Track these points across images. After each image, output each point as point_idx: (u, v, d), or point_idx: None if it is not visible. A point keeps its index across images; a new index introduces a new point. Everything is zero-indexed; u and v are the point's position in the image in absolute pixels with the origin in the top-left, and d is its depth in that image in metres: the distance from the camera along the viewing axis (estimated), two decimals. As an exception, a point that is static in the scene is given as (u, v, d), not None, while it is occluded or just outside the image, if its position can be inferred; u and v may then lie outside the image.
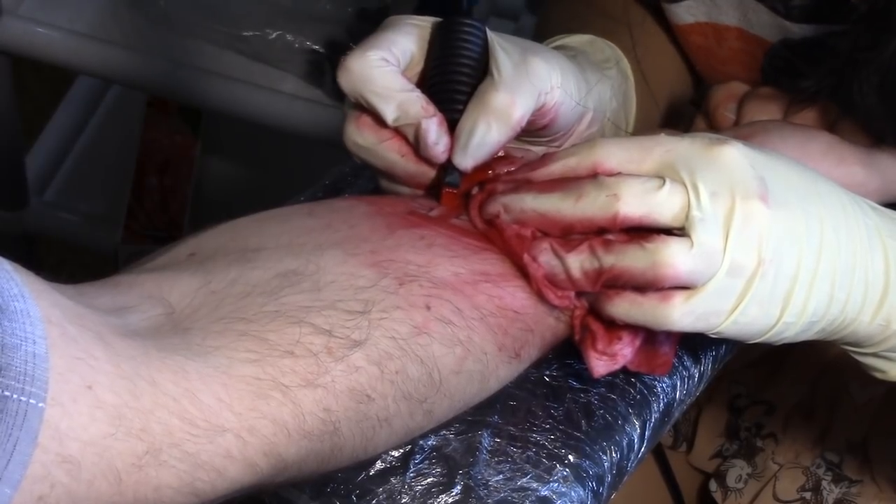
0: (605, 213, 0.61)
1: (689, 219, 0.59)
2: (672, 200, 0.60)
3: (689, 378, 0.73)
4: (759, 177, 0.60)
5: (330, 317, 0.57)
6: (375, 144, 0.68)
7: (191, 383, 0.51)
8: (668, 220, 0.60)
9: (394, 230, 0.64)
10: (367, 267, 0.61)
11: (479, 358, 0.62)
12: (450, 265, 0.63)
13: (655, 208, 0.60)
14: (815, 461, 0.91)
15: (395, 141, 0.68)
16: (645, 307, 0.60)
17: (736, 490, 0.92)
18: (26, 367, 0.46)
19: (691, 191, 0.59)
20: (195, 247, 0.62)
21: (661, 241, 0.59)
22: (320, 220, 0.65)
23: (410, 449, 0.66)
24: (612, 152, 0.62)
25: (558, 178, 0.64)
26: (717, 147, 0.60)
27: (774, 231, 0.59)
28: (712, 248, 0.59)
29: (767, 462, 0.92)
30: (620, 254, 0.60)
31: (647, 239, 0.60)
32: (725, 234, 0.59)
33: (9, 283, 0.47)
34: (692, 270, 0.59)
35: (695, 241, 0.59)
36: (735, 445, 0.94)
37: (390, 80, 0.67)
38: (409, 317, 0.60)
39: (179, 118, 1.74)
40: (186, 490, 0.51)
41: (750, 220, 0.59)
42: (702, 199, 0.59)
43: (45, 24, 1.47)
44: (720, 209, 0.59)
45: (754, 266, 0.59)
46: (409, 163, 0.68)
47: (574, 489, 0.66)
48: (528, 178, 0.65)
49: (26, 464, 0.45)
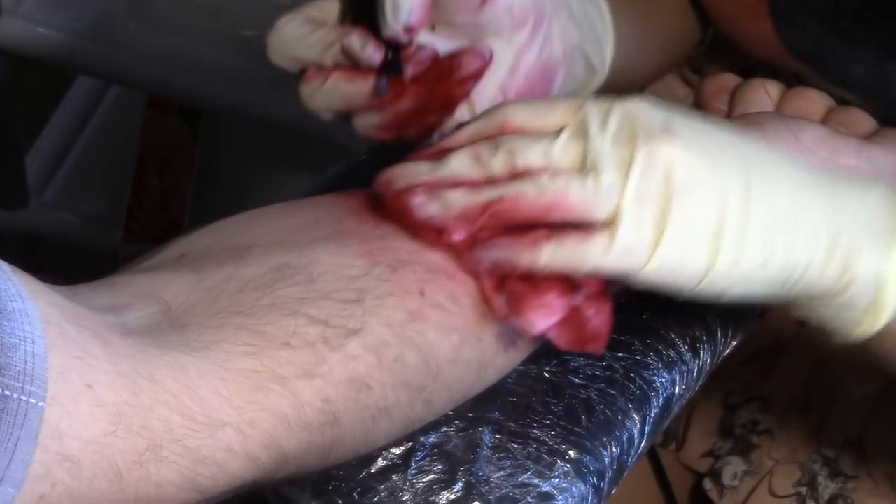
0: (504, 166, 0.61)
1: (588, 161, 0.59)
2: (568, 148, 0.60)
3: (688, 373, 0.73)
4: (665, 122, 0.60)
5: (325, 307, 0.58)
6: (323, 86, 0.70)
7: (189, 379, 0.51)
8: (568, 166, 0.60)
9: (381, 222, 0.64)
10: (359, 256, 0.61)
11: (475, 346, 0.62)
12: (440, 250, 0.63)
13: (553, 157, 0.60)
14: (810, 457, 0.91)
15: (338, 72, 0.69)
16: (567, 247, 0.60)
17: (731, 487, 0.92)
18: (25, 366, 0.46)
19: (587, 135, 0.60)
20: (185, 248, 0.62)
21: (555, 172, 0.60)
22: (308, 217, 0.65)
23: (411, 446, 0.66)
24: (518, 109, 0.62)
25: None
26: (620, 100, 0.61)
27: (683, 166, 0.59)
28: (607, 180, 0.59)
29: (763, 458, 0.92)
30: (508, 185, 0.60)
31: (540, 173, 0.60)
32: (626, 169, 0.59)
33: (6, 283, 0.47)
34: (584, 199, 0.59)
35: (590, 174, 0.59)
36: (729, 443, 0.94)
37: (299, 32, 0.69)
38: (403, 303, 0.60)
39: (179, 118, 1.74)
40: (188, 486, 0.51)
41: (652, 155, 0.59)
42: (595, 141, 0.59)
43: (45, 24, 1.47)
44: (622, 150, 0.59)
45: (664, 197, 0.59)
46: (359, 83, 0.69)
47: (575, 485, 0.67)
48: (440, 148, 0.65)
49: (28, 463, 0.45)
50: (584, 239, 0.59)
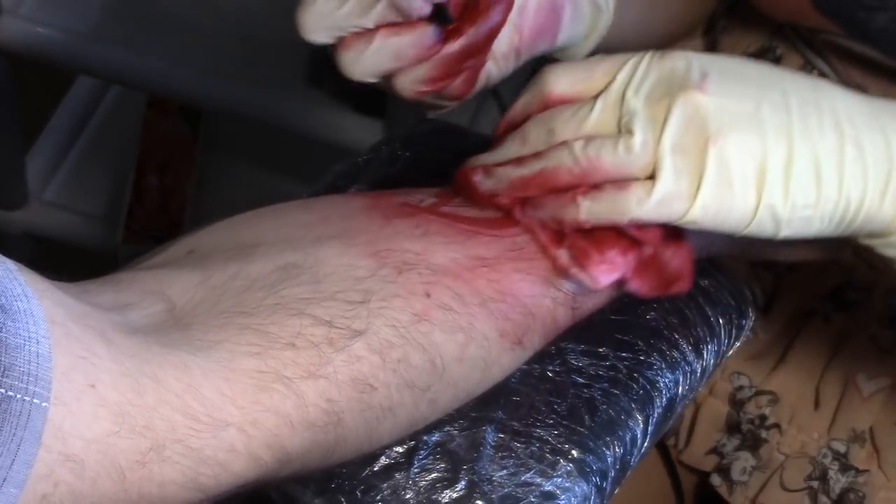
0: (548, 146, 0.63)
1: (622, 124, 0.61)
2: (604, 116, 0.62)
3: (691, 373, 0.73)
4: (700, 72, 0.60)
5: (330, 308, 0.58)
6: (369, 47, 0.69)
7: (193, 378, 0.51)
8: (605, 135, 0.62)
9: (389, 220, 0.64)
10: (365, 257, 0.61)
11: (481, 344, 0.62)
12: (446, 251, 0.63)
13: (590, 129, 0.62)
14: (820, 451, 0.91)
15: (383, 30, 0.69)
16: (604, 199, 0.61)
17: (741, 483, 0.92)
18: (30, 367, 0.46)
19: (622, 98, 0.61)
20: (193, 244, 0.62)
21: (588, 139, 0.62)
22: (316, 215, 0.65)
23: (414, 444, 0.66)
24: (558, 77, 0.64)
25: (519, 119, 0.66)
26: (658, 56, 0.62)
27: (720, 114, 0.59)
28: (640, 139, 0.60)
29: (773, 453, 0.92)
30: (546, 157, 0.63)
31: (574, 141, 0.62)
32: (662, 124, 0.60)
33: (12, 282, 0.47)
34: (616, 162, 0.61)
35: (624, 136, 0.61)
36: (736, 440, 0.94)
37: (332, 2, 0.69)
38: (408, 305, 0.60)
39: (179, 118, 1.73)
40: (191, 486, 0.51)
41: (687, 107, 0.60)
42: (629, 103, 0.61)
43: (45, 24, 1.46)
44: (656, 108, 0.60)
45: (701, 145, 0.59)
46: (408, 36, 0.69)
47: (578, 484, 0.66)
48: (501, 127, 0.68)
49: (31, 463, 0.45)
50: (620, 190, 0.61)
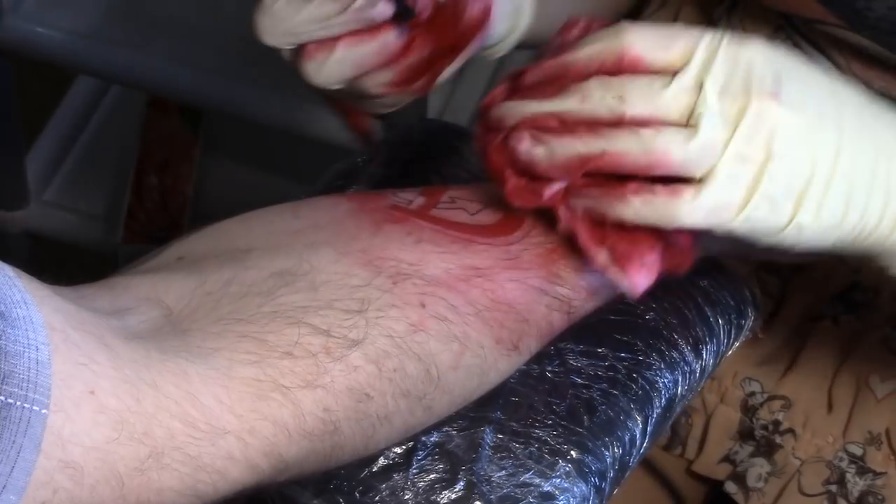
0: (612, 113, 0.60)
1: (694, 115, 0.59)
2: (678, 99, 0.59)
3: (690, 373, 0.73)
4: (775, 76, 0.59)
5: (327, 316, 0.58)
6: (332, 56, 0.69)
7: (192, 386, 0.51)
8: (676, 118, 0.59)
9: (380, 226, 0.64)
10: (360, 266, 0.61)
11: (476, 352, 0.62)
12: (440, 261, 0.63)
13: (662, 107, 0.59)
14: (837, 454, 0.90)
15: (345, 38, 0.68)
16: (656, 203, 0.59)
17: (757, 489, 0.91)
18: (29, 374, 0.46)
19: (700, 87, 0.59)
20: (183, 250, 0.62)
21: (656, 128, 0.59)
22: (305, 221, 0.65)
23: (413, 445, 0.66)
24: (639, 36, 0.61)
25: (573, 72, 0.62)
26: (737, 44, 0.60)
27: (786, 128, 0.59)
28: (710, 139, 0.58)
29: (788, 458, 0.91)
30: (612, 139, 0.60)
31: (643, 126, 0.59)
32: (732, 128, 0.59)
33: (11, 289, 0.47)
34: (685, 160, 0.59)
35: (695, 132, 0.58)
36: (750, 446, 0.93)
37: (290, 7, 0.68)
38: (404, 315, 0.60)
39: (179, 118, 1.73)
40: (188, 492, 0.51)
41: (760, 117, 0.59)
42: (707, 96, 0.59)
43: (45, 24, 1.47)
44: (730, 106, 0.59)
45: (762, 159, 0.59)
46: (369, 44, 0.69)
47: (576, 484, 0.66)
48: (553, 67, 0.63)
49: (30, 470, 0.45)
50: (673, 195, 0.59)
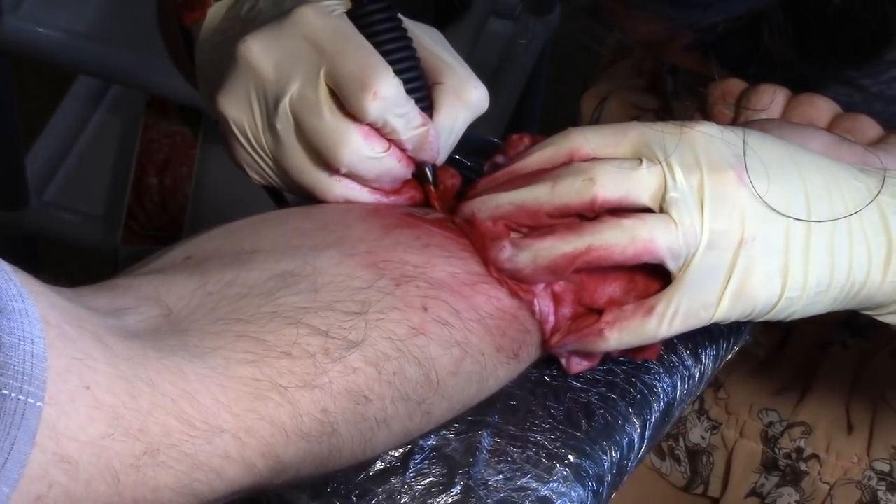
0: (583, 197, 0.61)
1: (667, 199, 0.60)
2: (649, 180, 0.60)
3: (689, 377, 0.73)
4: (734, 153, 0.60)
5: (327, 318, 0.57)
6: (382, 154, 0.66)
7: (189, 384, 0.51)
8: (647, 201, 0.60)
9: (390, 230, 0.64)
10: (363, 268, 0.61)
11: (476, 359, 0.62)
12: (446, 266, 0.63)
13: (633, 189, 0.60)
14: (864, 474, 0.90)
15: (395, 147, 0.66)
16: (631, 329, 0.61)
17: None
18: (24, 366, 0.46)
19: (667, 169, 0.60)
20: (191, 250, 0.62)
21: (638, 216, 0.60)
22: (316, 222, 0.64)
23: (410, 449, 0.66)
24: (587, 138, 0.62)
25: (534, 170, 0.64)
26: (689, 126, 0.61)
27: (754, 206, 0.60)
28: (690, 224, 0.59)
29: (816, 484, 0.91)
30: (596, 233, 0.60)
31: (623, 216, 0.60)
32: (701, 208, 0.59)
33: (7, 283, 0.47)
34: (671, 246, 0.60)
35: (674, 218, 0.59)
36: (775, 477, 0.92)
37: (406, 98, 0.65)
38: (406, 318, 0.60)
39: (179, 118, 1.74)
40: (184, 491, 0.51)
41: (724, 193, 0.59)
42: (677, 177, 0.60)
43: (45, 24, 1.47)
44: (694, 183, 0.60)
45: (734, 241, 0.59)
46: (404, 166, 0.67)
47: (574, 489, 0.66)
48: (507, 174, 0.65)
49: (24, 463, 0.45)
50: (646, 317, 0.61)
